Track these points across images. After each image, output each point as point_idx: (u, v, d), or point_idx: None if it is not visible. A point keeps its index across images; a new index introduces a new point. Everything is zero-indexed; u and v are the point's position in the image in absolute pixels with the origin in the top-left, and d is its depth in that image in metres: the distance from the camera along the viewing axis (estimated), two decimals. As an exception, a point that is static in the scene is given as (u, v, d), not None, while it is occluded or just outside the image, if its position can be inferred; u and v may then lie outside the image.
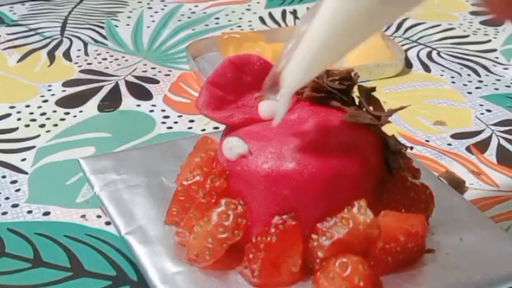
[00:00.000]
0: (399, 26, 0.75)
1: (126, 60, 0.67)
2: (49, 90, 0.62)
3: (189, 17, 0.77)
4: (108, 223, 0.45)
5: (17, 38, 0.72)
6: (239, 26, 0.75)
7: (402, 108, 0.40)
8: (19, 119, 0.57)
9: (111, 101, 0.60)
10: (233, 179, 0.38)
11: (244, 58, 0.41)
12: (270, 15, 0.78)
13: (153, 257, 0.39)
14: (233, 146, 0.38)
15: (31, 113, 0.58)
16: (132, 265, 0.42)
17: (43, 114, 0.58)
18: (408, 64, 0.67)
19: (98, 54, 0.69)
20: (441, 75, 0.65)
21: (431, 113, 0.59)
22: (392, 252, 0.37)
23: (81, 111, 0.59)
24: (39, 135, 0.55)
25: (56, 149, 0.53)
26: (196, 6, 0.80)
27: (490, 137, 0.55)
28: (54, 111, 0.58)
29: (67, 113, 0.58)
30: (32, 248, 0.43)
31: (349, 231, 0.37)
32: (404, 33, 0.73)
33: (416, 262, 0.39)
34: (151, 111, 0.59)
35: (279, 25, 0.76)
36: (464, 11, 0.79)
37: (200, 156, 0.41)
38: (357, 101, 0.41)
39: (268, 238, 0.37)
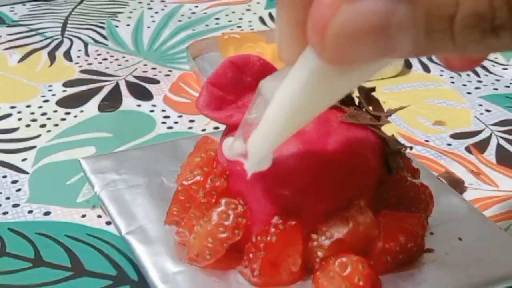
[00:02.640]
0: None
1: (127, 60, 0.67)
2: (50, 90, 0.62)
3: (189, 18, 0.77)
4: (108, 223, 0.45)
5: (18, 38, 0.72)
6: (239, 27, 0.75)
7: (401, 108, 0.40)
8: (19, 119, 0.57)
9: (112, 101, 0.60)
10: (233, 179, 0.39)
11: (244, 58, 0.41)
12: (270, 15, 0.78)
13: (153, 256, 0.39)
14: (233, 146, 0.38)
15: (32, 113, 0.58)
16: (132, 265, 0.42)
17: (43, 114, 0.58)
18: (408, 64, 0.67)
19: (99, 54, 0.69)
20: (441, 75, 0.65)
21: (430, 113, 0.59)
22: (392, 252, 0.37)
23: (81, 111, 0.59)
24: (39, 135, 0.55)
25: (56, 149, 0.53)
26: (196, 6, 0.80)
27: (489, 137, 0.55)
28: (55, 111, 0.59)
29: (67, 113, 0.58)
30: (33, 248, 0.43)
31: (349, 231, 0.37)
32: (404, 33, 0.73)
33: (416, 261, 0.39)
34: (152, 111, 0.59)
35: (279, 25, 0.76)
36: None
37: (200, 156, 0.41)
38: (356, 101, 0.41)
39: (268, 238, 0.37)
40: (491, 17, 0.24)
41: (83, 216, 0.46)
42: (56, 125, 0.57)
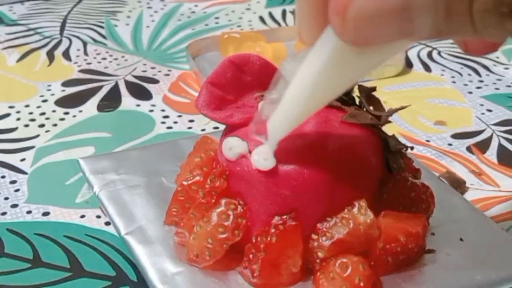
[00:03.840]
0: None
1: (126, 60, 0.67)
2: (49, 89, 0.62)
3: (189, 17, 0.77)
4: (107, 223, 0.45)
5: (16, 38, 0.72)
6: (239, 26, 0.75)
7: (402, 108, 0.40)
8: (18, 119, 0.57)
9: (111, 101, 0.60)
10: (233, 179, 0.38)
11: (244, 58, 0.41)
12: (270, 14, 0.78)
13: (153, 257, 0.39)
14: (233, 146, 0.38)
15: (31, 113, 0.58)
16: (131, 266, 0.41)
17: (42, 114, 0.58)
18: (409, 64, 0.67)
19: (98, 54, 0.68)
20: (442, 75, 0.65)
21: (431, 113, 0.58)
22: (393, 253, 0.37)
23: (80, 111, 0.58)
24: (38, 135, 0.55)
25: (55, 149, 0.53)
26: (196, 5, 0.80)
27: (490, 137, 0.55)
28: (54, 111, 0.58)
29: (66, 113, 0.58)
30: (32, 248, 0.43)
31: (349, 232, 0.37)
32: (404, 33, 0.73)
33: (417, 262, 0.39)
34: (151, 111, 0.59)
35: (279, 24, 0.76)
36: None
37: (200, 156, 0.41)
38: (357, 100, 0.41)
39: (268, 239, 0.37)
40: (510, 1, 0.24)
41: (82, 216, 0.46)
42: (55, 125, 0.56)
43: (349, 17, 0.26)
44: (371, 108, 0.40)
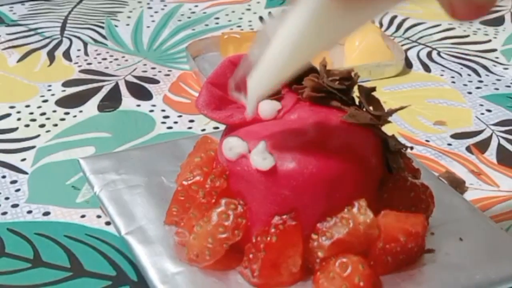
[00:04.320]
0: (399, 26, 0.75)
1: (126, 60, 0.67)
2: (49, 90, 0.62)
3: (189, 17, 0.77)
4: (108, 223, 0.45)
5: (17, 38, 0.72)
6: (239, 26, 0.75)
7: (402, 108, 0.40)
8: (19, 119, 0.57)
9: (111, 101, 0.60)
10: (233, 179, 0.38)
11: (244, 58, 0.41)
12: (270, 14, 0.78)
13: (153, 257, 0.39)
14: (233, 146, 0.38)
15: (31, 113, 0.58)
16: (132, 265, 0.42)
17: (43, 114, 0.58)
18: (408, 64, 0.67)
19: (98, 54, 0.68)
20: (441, 75, 0.65)
21: (431, 113, 0.58)
22: (392, 252, 0.37)
23: (81, 111, 0.58)
24: (39, 135, 0.55)
25: (56, 149, 0.53)
26: (196, 6, 0.80)
27: (490, 137, 0.55)
28: (54, 111, 0.58)
29: (67, 113, 0.58)
30: (32, 248, 0.43)
31: (349, 231, 0.37)
32: (404, 33, 0.73)
33: (416, 262, 0.39)
34: (151, 111, 0.59)
35: (279, 25, 0.76)
36: (464, 11, 0.79)
37: (200, 156, 0.41)
38: (357, 101, 0.41)
39: (268, 238, 0.37)
40: None
41: (83, 216, 0.46)
42: (56, 125, 0.56)
43: None
44: (371, 108, 0.40)
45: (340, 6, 0.28)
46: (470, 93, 0.62)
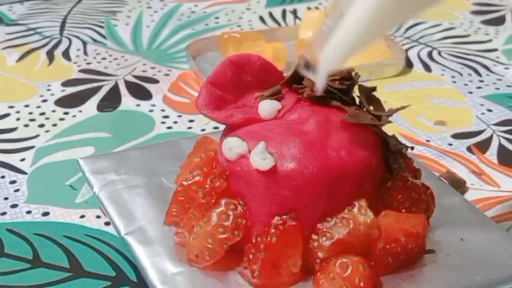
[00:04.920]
0: (399, 26, 0.75)
1: (126, 60, 0.67)
2: (49, 89, 0.62)
3: (188, 17, 0.77)
4: (107, 224, 0.45)
5: (16, 38, 0.72)
6: (239, 26, 0.75)
7: (402, 108, 0.40)
8: (18, 119, 0.57)
9: (111, 101, 0.60)
10: (233, 179, 0.38)
11: (244, 58, 0.41)
12: (270, 14, 0.78)
13: (152, 257, 0.39)
14: (233, 146, 0.38)
15: (30, 113, 0.58)
16: (131, 266, 0.41)
17: (42, 114, 0.58)
18: (409, 64, 0.67)
19: (98, 54, 0.68)
20: (442, 75, 0.65)
21: (431, 113, 0.58)
22: (393, 253, 0.37)
23: (80, 111, 0.58)
24: (38, 135, 0.55)
25: (55, 149, 0.53)
26: (196, 5, 0.80)
27: (491, 137, 0.55)
28: (53, 111, 0.58)
29: (66, 113, 0.58)
30: (31, 249, 0.43)
31: (349, 232, 0.36)
32: (404, 33, 0.73)
33: (417, 262, 0.38)
34: (151, 111, 0.59)
35: (279, 24, 0.76)
36: (465, 11, 0.79)
37: (199, 156, 0.41)
38: (357, 101, 0.41)
39: (268, 239, 0.36)
40: None
41: (82, 216, 0.46)
42: (55, 125, 0.56)
43: None
44: (371, 108, 0.40)
45: None
46: (470, 92, 0.62)
